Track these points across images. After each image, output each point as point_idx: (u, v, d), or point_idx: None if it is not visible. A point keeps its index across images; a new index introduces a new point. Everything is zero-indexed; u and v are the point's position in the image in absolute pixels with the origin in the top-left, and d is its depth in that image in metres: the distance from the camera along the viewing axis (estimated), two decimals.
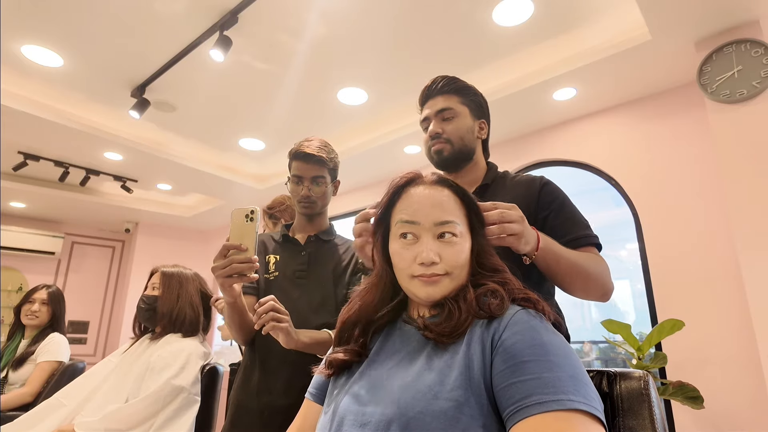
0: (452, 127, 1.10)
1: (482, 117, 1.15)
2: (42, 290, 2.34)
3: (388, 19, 2.23)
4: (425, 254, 0.64)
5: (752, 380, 2.01)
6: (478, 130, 1.14)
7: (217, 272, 0.91)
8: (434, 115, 1.13)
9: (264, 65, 2.60)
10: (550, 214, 1.00)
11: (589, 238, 0.99)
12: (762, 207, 1.85)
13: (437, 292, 0.66)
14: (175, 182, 4.39)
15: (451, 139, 1.09)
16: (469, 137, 1.11)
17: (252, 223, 0.90)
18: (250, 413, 1.18)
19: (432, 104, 1.14)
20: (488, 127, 1.17)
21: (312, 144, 1.28)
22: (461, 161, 1.11)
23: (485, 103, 1.18)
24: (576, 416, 0.49)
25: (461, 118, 1.11)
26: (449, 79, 1.14)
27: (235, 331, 1.18)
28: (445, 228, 0.66)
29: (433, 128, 1.12)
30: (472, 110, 1.13)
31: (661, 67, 2.39)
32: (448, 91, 1.13)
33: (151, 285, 1.56)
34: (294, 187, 1.30)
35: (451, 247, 0.66)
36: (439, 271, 0.65)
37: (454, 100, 1.12)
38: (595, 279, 0.92)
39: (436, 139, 1.11)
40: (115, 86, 2.83)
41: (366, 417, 0.58)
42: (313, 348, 1.07)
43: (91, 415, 1.30)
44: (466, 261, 0.68)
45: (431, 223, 0.67)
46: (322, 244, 1.34)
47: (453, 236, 0.66)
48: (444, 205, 0.68)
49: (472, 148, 1.12)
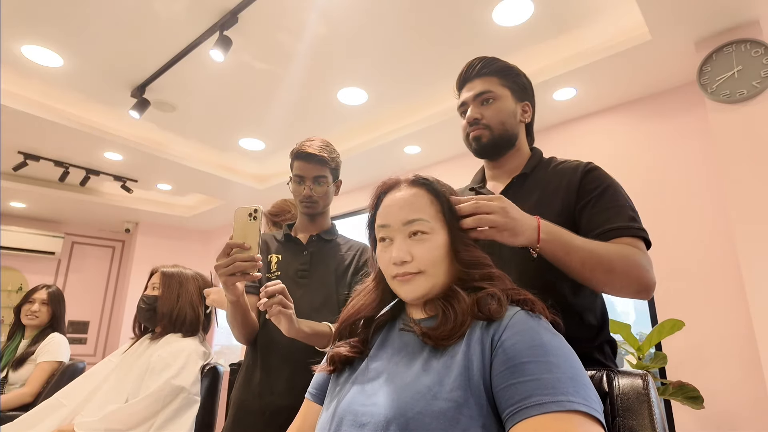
0: (492, 111, 1.01)
1: (525, 99, 1.06)
2: (42, 290, 2.34)
3: (388, 19, 2.23)
4: (395, 254, 0.67)
5: (752, 380, 2.01)
6: (521, 113, 1.05)
7: (220, 270, 0.91)
8: (472, 100, 1.03)
9: (264, 65, 2.60)
10: (588, 204, 0.90)
11: (628, 229, 0.85)
12: (762, 207, 1.84)
13: (414, 290, 0.67)
14: (175, 182, 4.39)
15: (491, 125, 1.01)
16: (511, 122, 1.02)
17: (255, 222, 0.91)
18: (251, 413, 1.18)
19: (470, 87, 1.05)
20: (533, 109, 1.07)
21: (313, 144, 1.28)
22: (502, 148, 1.03)
23: (529, 84, 1.08)
24: (576, 417, 0.49)
25: (502, 101, 1.02)
26: (488, 60, 1.05)
27: (237, 330, 1.18)
28: (413, 226, 0.68)
29: (471, 113, 1.02)
30: (514, 92, 1.04)
31: (661, 67, 2.38)
32: (487, 73, 1.04)
33: (151, 285, 1.56)
34: (296, 187, 1.30)
35: (421, 245, 0.67)
36: (412, 269, 0.67)
37: (493, 82, 1.03)
38: (622, 272, 0.79)
39: (475, 125, 1.02)
40: (115, 86, 2.83)
41: (365, 417, 0.58)
42: (312, 339, 1.07)
43: (91, 415, 1.30)
44: (440, 257, 0.67)
45: (400, 224, 0.69)
46: (324, 243, 1.33)
47: (423, 233, 0.68)
48: (413, 204, 0.70)
49: (514, 134, 1.03)
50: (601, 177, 0.93)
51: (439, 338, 0.62)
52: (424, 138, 3.23)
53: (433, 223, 0.68)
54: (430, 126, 3.03)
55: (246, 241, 0.90)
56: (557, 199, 0.94)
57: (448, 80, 2.76)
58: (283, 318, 0.98)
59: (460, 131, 1.10)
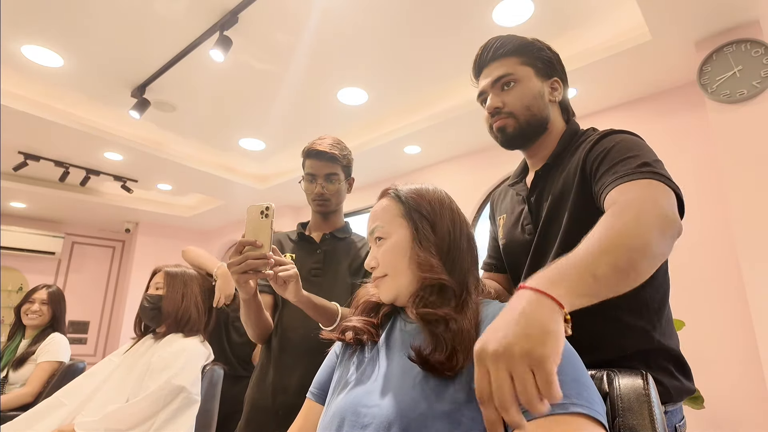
0: (513, 96, 0.89)
1: (553, 75, 0.93)
2: (42, 290, 2.34)
3: (388, 19, 2.23)
4: (366, 261, 0.75)
5: (752, 380, 2.01)
6: (550, 91, 0.92)
7: (232, 268, 0.91)
8: (491, 86, 0.91)
9: (264, 65, 2.60)
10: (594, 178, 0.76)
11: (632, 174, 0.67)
12: (763, 207, 1.84)
13: (384, 293, 0.73)
14: (175, 182, 4.39)
15: (514, 112, 0.89)
16: (538, 104, 0.90)
17: (267, 220, 0.91)
18: (265, 412, 1.18)
19: (487, 73, 0.93)
20: (563, 85, 0.94)
21: (324, 142, 1.28)
22: (532, 135, 0.91)
23: (556, 56, 0.95)
24: (578, 420, 0.49)
25: (524, 82, 0.89)
26: (505, 39, 0.92)
27: (251, 329, 1.18)
28: (375, 234, 0.75)
29: (491, 102, 0.91)
30: (538, 70, 0.91)
31: (661, 67, 2.38)
32: (504, 54, 0.91)
33: (154, 284, 1.56)
34: (308, 185, 1.30)
35: (381, 248, 0.73)
36: (379, 273, 0.73)
37: (512, 62, 0.91)
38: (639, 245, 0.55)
39: (497, 114, 0.90)
40: (116, 86, 2.83)
41: (367, 418, 0.58)
42: (318, 310, 1.05)
43: (91, 414, 1.30)
44: (398, 257, 0.71)
45: (368, 233, 0.77)
46: (338, 241, 1.33)
47: (381, 239, 0.74)
48: (377, 214, 0.76)
49: (545, 116, 0.91)
50: (609, 141, 0.79)
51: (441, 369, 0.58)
52: (424, 138, 3.23)
53: (389, 227, 0.73)
54: (430, 126, 3.03)
55: (258, 239, 0.90)
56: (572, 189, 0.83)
57: (448, 80, 2.76)
58: (290, 282, 0.96)
59: (461, 131, 1.06)
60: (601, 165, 0.75)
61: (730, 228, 2.09)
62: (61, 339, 2.27)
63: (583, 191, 0.80)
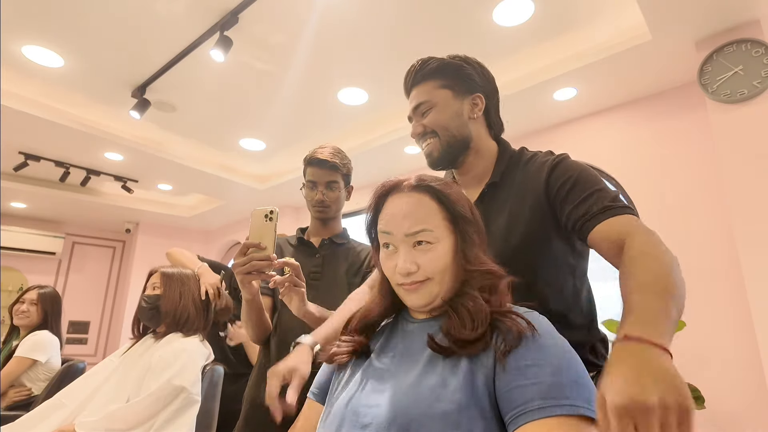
0: (431, 120, 0.94)
1: (474, 91, 0.95)
2: (33, 291, 2.32)
3: (388, 19, 2.23)
4: (400, 266, 0.66)
5: (753, 380, 2.01)
6: (470, 108, 0.95)
7: (237, 269, 0.93)
8: (413, 113, 0.97)
9: (264, 65, 2.60)
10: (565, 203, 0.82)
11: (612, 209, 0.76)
12: (763, 207, 1.84)
13: (421, 298, 0.66)
14: (175, 182, 4.40)
15: (436, 132, 0.93)
16: (457, 122, 0.93)
17: (271, 223, 0.93)
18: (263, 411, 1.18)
19: (411, 98, 0.98)
20: (488, 99, 0.96)
21: (325, 150, 1.33)
22: (457, 154, 0.95)
23: (479, 71, 0.97)
24: (579, 421, 0.49)
25: (440, 105, 0.93)
26: (423, 63, 0.97)
27: (251, 329, 1.20)
28: (418, 237, 0.66)
29: (414, 129, 0.97)
30: (456, 90, 0.94)
31: (661, 67, 2.38)
32: (421, 80, 0.96)
33: (151, 285, 1.56)
34: (309, 192, 1.35)
35: (426, 255, 0.65)
36: (419, 278, 0.65)
37: (428, 86, 0.95)
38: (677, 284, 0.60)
39: (422, 138, 0.96)
40: (116, 86, 2.83)
41: (367, 418, 0.58)
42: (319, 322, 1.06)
43: (92, 414, 1.30)
44: (447, 264, 0.66)
45: (403, 235, 0.66)
46: (336, 247, 1.37)
47: (428, 243, 0.66)
48: (416, 213, 0.67)
49: (465, 134, 0.94)
50: (568, 168, 0.85)
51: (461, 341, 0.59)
52: None
53: (438, 232, 0.66)
54: None
55: (262, 241, 0.93)
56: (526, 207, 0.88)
57: None
58: (294, 296, 1.01)
59: None
60: (570, 194, 0.82)
61: (730, 228, 2.09)
62: (45, 337, 2.23)
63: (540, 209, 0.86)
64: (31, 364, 2.14)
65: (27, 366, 2.13)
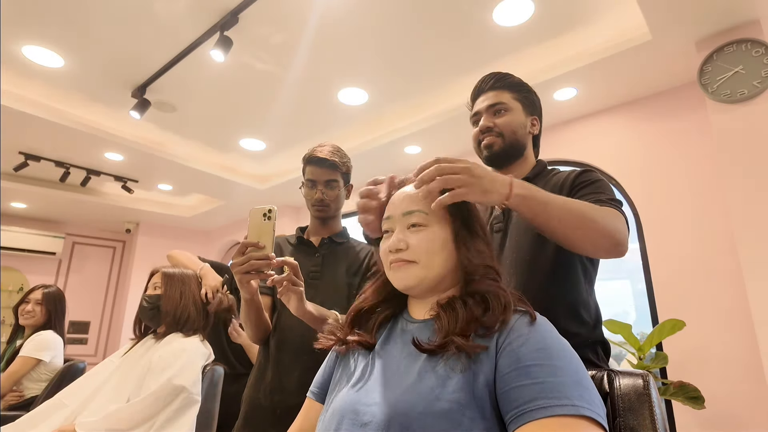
0: (504, 121, 1.08)
1: (534, 113, 1.14)
2: (38, 291, 2.32)
3: (388, 19, 2.23)
4: (392, 241, 0.69)
5: (753, 380, 2.01)
6: (530, 125, 1.12)
7: (235, 269, 0.93)
8: (485, 110, 1.10)
9: (264, 65, 2.61)
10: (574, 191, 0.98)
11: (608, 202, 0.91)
12: (763, 207, 1.84)
13: (405, 278, 0.68)
14: (175, 182, 4.40)
15: (504, 133, 1.07)
16: (521, 132, 1.09)
17: (269, 222, 0.93)
18: (263, 411, 1.19)
19: (483, 99, 1.12)
20: (540, 123, 1.16)
21: (324, 149, 1.32)
22: (511, 156, 1.09)
23: (538, 100, 1.16)
24: (579, 422, 0.49)
25: (514, 112, 1.09)
26: (501, 75, 1.13)
27: (250, 329, 1.20)
28: (412, 218, 0.69)
29: (484, 122, 1.09)
30: (525, 106, 1.12)
31: (661, 67, 2.38)
32: (500, 87, 1.12)
33: (152, 285, 1.56)
34: (308, 191, 1.34)
35: (416, 234, 0.68)
36: (406, 257, 0.67)
37: (506, 95, 1.10)
38: (596, 225, 0.80)
39: (487, 132, 1.08)
40: (116, 87, 2.84)
41: (366, 417, 0.58)
42: (318, 322, 1.08)
43: (92, 414, 1.30)
44: (435, 249, 0.67)
45: (399, 215, 0.71)
46: (336, 246, 1.36)
47: (420, 225, 0.69)
48: (413, 196, 0.71)
49: (524, 144, 1.10)
50: (591, 175, 1.00)
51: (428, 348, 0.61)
52: (424, 138, 3.23)
53: (431, 216, 0.69)
54: (430, 126, 3.03)
55: (260, 241, 0.92)
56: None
57: (449, 80, 2.76)
58: (292, 295, 1.00)
59: (460, 131, 1.12)
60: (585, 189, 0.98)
61: (730, 228, 2.09)
62: (49, 337, 2.23)
63: None
64: (36, 364, 2.14)
65: (32, 366, 2.13)
